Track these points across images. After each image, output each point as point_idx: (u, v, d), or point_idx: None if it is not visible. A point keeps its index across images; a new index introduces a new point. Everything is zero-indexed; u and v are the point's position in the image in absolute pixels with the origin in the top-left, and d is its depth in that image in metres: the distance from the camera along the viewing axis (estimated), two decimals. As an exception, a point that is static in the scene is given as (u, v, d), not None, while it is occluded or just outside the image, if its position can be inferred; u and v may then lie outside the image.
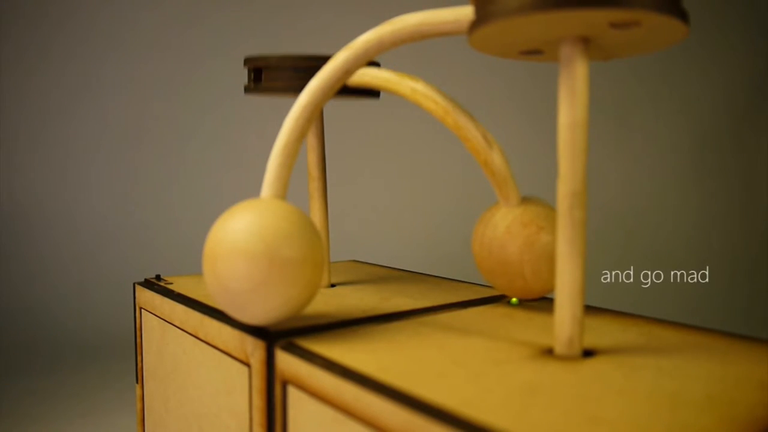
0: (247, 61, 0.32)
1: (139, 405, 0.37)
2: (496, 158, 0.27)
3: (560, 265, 0.21)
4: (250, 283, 0.22)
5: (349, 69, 0.24)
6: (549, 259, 0.27)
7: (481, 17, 0.20)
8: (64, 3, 1.13)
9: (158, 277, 0.36)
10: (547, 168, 1.13)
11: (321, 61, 0.31)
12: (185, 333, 0.30)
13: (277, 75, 0.32)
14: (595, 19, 0.19)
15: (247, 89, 0.33)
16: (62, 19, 1.13)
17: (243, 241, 0.22)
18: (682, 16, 0.19)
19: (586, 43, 0.20)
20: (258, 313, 0.23)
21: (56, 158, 1.13)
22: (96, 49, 1.15)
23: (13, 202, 1.09)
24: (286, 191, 0.25)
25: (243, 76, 1.15)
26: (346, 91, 0.32)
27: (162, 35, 1.17)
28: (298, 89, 0.31)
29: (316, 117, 0.33)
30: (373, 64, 0.33)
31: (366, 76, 0.30)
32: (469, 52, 1.15)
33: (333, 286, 0.34)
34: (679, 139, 1.23)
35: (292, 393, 0.23)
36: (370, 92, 0.33)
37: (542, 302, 0.30)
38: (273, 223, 0.22)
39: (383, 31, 0.24)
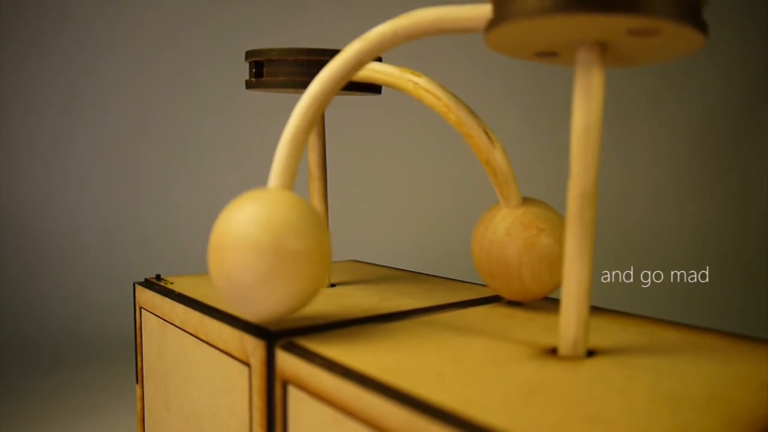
0: (248, 55, 0.32)
1: (139, 405, 0.37)
2: (498, 157, 0.27)
3: (568, 266, 0.21)
4: (256, 276, 0.22)
5: (362, 60, 0.24)
6: (548, 262, 0.26)
7: (500, 16, 0.20)
8: (65, 2, 1.13)
9: (158, 277, 0.36)
10: (546, 168, 1.13)
11: (324, 54, 0.31)
12: (185, 333, 0.30)
13: (279, 69, 0.31)
14: (614, 24, 0.19)
15: (248, 84, 0.33)
16: (63, 18, 1.13)
17: (250, 232, 0.22)
18: (702, 26, 0.19)
19: (603, 48, 0.20)
20: (263, 307, 0.23)
21: (57, 158, 1.13)
22: (96, 49, 1.15)
23: (14, 202, 1.09)
24: (293, 182, 0.25)
25: (244, 75, 1.15)
26: (347, 86, 0.32)
27: (163, 35, 1.17)
28: (300, 84, 0.31)
29: (324, 109, 0.33)
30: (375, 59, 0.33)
31: (367, 70, 0.30)
32: (468, 52, 1.15)
33: (333, 286, 0.34)
34: (678, 140, 1.23)
35: (292, 393, 0.23)
36: (372, 87, 0.33)
37: (543, 302, 0.30)
38: (280, 214, 0.22)
39: (399, 24, 0.23)
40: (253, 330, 0.25)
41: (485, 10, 0.22)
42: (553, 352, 0.22)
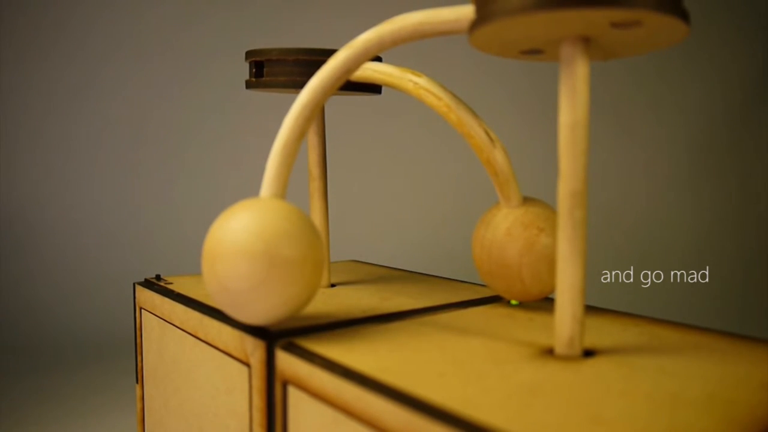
0: (249, 55, 0.32)
1: (139, 405, 0.37)
2: (499, 157, 0.27)
3: (561, 265, 0.21)
4: (250, 283, 0.22)
5: (350, 68, 0.24)
6: (548, 262, 0.26)
7: (482, 16, 0.20)
8: (65, 2, 1.13)
9: (158, 277, 0.36)
10: (545, 169, 1.13)
11: (324, 54, 0.31)
12: (185, 333, 0.30)
13: (279, 69, 0.31)
14: (596, 18, 0.19)
15: (248, 84, 0.33)
16: (63, 18, 1.13)
17: (243, 240, 0.22)
18: (683, 15, 0.19)
19: (586, 42, 0.20)
20: (257, 313, 0.23)
21: (56, 158, 1.13)
22: (96, 49, 1.15)
23: (14, 202, 1.09)
24: (285, 190, 0.25)
25: (244, 75, 1.15)
26: (347, 86, 0.32)
27: (163, 35, 1.17)
28: (300, 84, 0.31)
29: (317, 116, 0.33)
30: (376, 58, 0.33)
31: (368, 70, 0.30)
32: (467, 52, 1.15)
33: (333, 286, 0.34)
34: (677, 140, 1.23)
35: (292, 393, 0.23)
36: (372, 87, 0.33)
37: (543, 302, 0.30)
38: (273, 222, 0.22)
39: (383, 30, 0.24)
40: (252, 330, 0.25)
41: (468, 11, 0.22)
42: (553, 352, 0.22)
